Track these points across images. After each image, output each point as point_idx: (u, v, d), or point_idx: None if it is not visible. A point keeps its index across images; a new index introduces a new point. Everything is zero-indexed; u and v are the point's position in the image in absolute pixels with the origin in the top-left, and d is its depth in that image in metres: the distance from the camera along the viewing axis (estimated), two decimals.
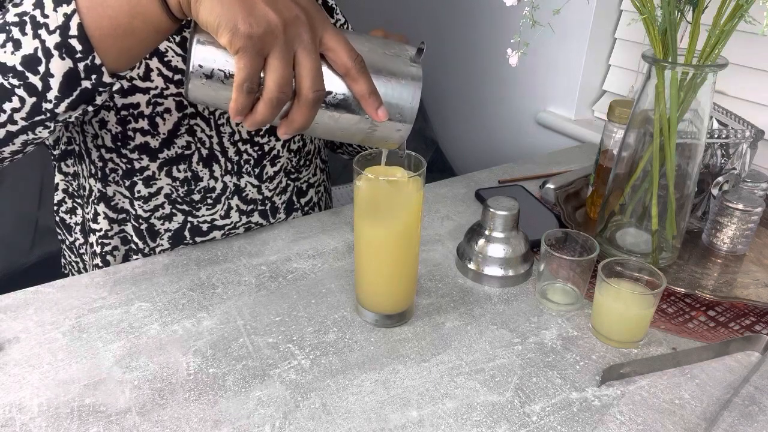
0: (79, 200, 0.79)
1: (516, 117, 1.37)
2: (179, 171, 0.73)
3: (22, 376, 0.57)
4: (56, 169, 0.79)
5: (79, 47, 0.48)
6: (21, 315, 0.64)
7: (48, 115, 0.51)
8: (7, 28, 0.48)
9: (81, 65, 0.49)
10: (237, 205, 0.78)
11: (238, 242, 0.79)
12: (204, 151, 0.74)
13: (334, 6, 0.87)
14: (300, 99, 0.48)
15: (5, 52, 0.48)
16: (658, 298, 0.61)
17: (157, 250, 0.77)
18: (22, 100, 0.50)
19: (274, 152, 0.79)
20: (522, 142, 1.38)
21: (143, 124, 0.69)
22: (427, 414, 0.54)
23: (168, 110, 0.69)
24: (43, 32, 0.47)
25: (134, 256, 0.78)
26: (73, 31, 0.47)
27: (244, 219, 0.80)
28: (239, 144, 0.76)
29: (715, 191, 0.78)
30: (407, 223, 0.60)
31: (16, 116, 0.51)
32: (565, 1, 0.64)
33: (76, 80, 0.50)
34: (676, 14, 0.61)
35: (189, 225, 0.77)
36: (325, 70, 0.50)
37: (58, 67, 0.48)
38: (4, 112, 0.50)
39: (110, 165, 0.72)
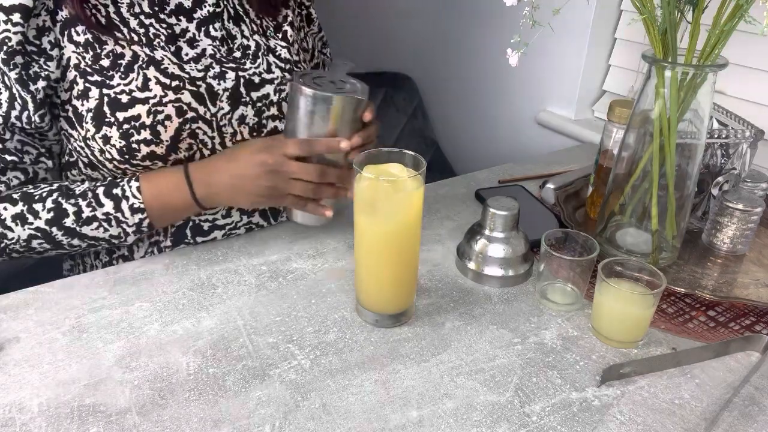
0: None
1: (516, 117, 1.37)
2: None
3: (22, 376, 0.57)
4: (62, 176, 0.79)
5: (146, 231, 0.73)
6: (21, 315, 0.64)
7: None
8: (101, 217, 0.71)
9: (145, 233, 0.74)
10: None
11: (238, 242, 0.79)
12: (206, 152, 0.74)
13: (314, 18, 0.91)
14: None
15: (99, 231, 0.71)
16: (658, 298, 0.61)
17: (160, 244, 0.77)
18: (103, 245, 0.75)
19: None
20: (522, 142, 1.38)
21: (145, 134, 0.69)
22: (427, 414, 0.54)
23: (168, 117, 0.70)
24: (125, 223, 0.71)
25: (136, 250, 0.78)
26: (144, 227, 0.73)
27: (245, 219, 0.80)
28: None
29: (715, 191, 0.78)
30: (407, 223, 0.60)
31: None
32: (565, 1, 0.64)
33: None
34: (676, 14, 0.61)
35: (191, 224, 0.77)
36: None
37: (132, 237, 0.73)
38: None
39: (128, 172, 0.73)
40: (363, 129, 0.73)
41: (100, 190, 0.70)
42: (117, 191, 0.70)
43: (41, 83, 0.67)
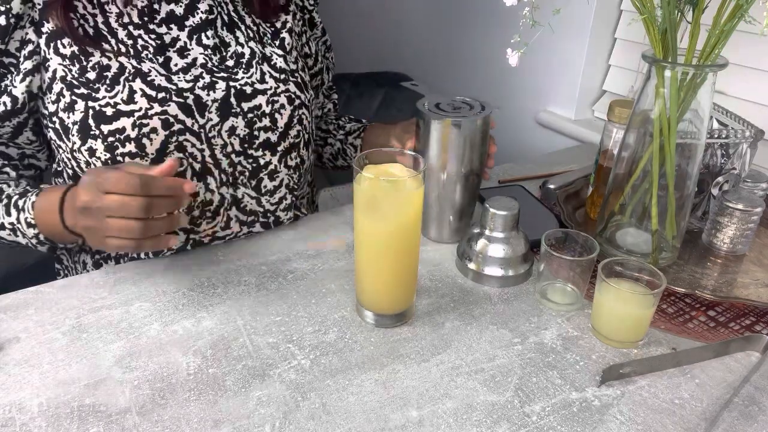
0: None
1: (516, 117, 1.37)
2: None
3: (22, 376, 0.57)
4: (53, 179, 0.79)
5: (51, 244, 0.73)
6: (21, 315, 0.64)
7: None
8: (8, 227, 0.72)
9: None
10: (236, 216, 0.78)
11: (237, 242, 0.79)
12: (196, 165, 0.72)
13: (317, 22, 0.90)
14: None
15: (12, 236, 0.72)
16: (658, 298, 0.61)
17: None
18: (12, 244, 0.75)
19: (271, 167, 0.78)
20: (522, 142, 1.38)
21: (130, 147, 0.68)
22: (427, 414, 0.54)
23: (154, 130, 0.69)
24: (26, 235, 0.71)
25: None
26: (42, 239, 0.71)
27: (246, 229, 0.79)
28: (232, 156, 0.74)
29: (715, 191, 0.78)
30: (407, 223, 0.60)
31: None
32: (565, 1, 0.64)
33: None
34: (676, 14, 0.61)
35: (192, 241, 0.76)
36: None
37: (42, 248, 0.74)
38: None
39: None
40: (491, 141, 0.77)
41: (14, 199, 0.71)
42: (21, 202, 0.70)
43: (4, 98, 0.68)
